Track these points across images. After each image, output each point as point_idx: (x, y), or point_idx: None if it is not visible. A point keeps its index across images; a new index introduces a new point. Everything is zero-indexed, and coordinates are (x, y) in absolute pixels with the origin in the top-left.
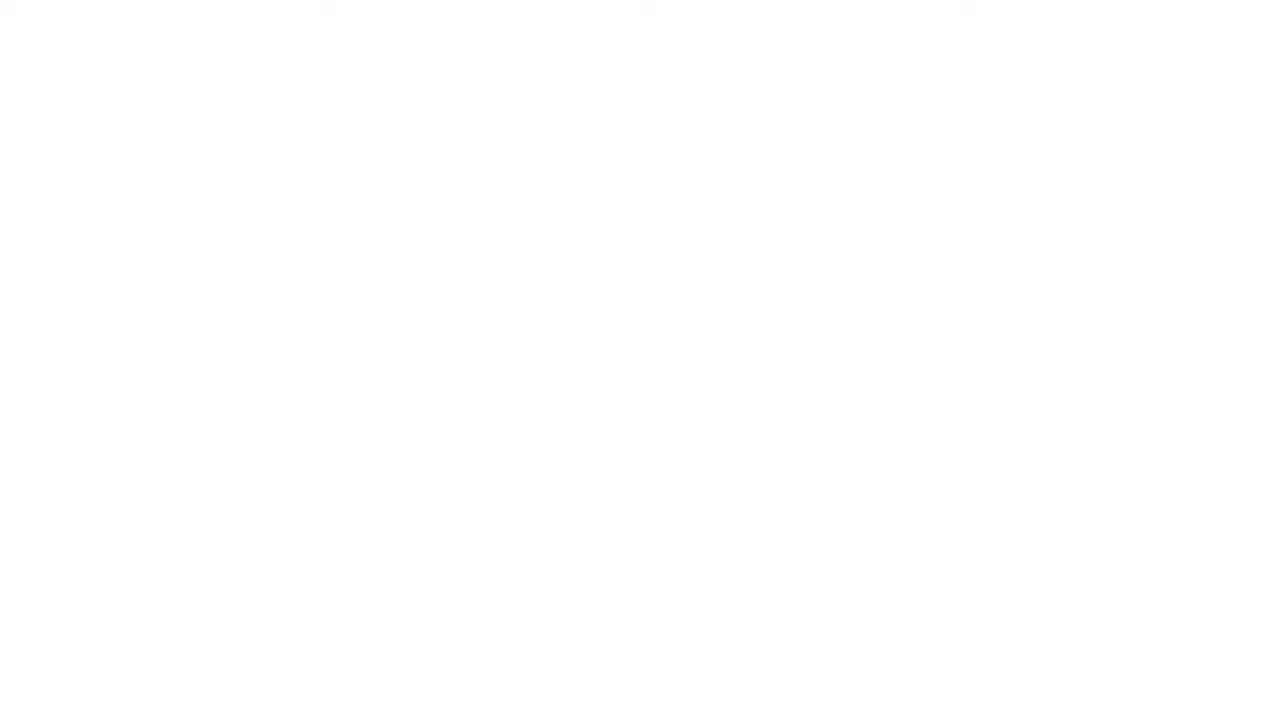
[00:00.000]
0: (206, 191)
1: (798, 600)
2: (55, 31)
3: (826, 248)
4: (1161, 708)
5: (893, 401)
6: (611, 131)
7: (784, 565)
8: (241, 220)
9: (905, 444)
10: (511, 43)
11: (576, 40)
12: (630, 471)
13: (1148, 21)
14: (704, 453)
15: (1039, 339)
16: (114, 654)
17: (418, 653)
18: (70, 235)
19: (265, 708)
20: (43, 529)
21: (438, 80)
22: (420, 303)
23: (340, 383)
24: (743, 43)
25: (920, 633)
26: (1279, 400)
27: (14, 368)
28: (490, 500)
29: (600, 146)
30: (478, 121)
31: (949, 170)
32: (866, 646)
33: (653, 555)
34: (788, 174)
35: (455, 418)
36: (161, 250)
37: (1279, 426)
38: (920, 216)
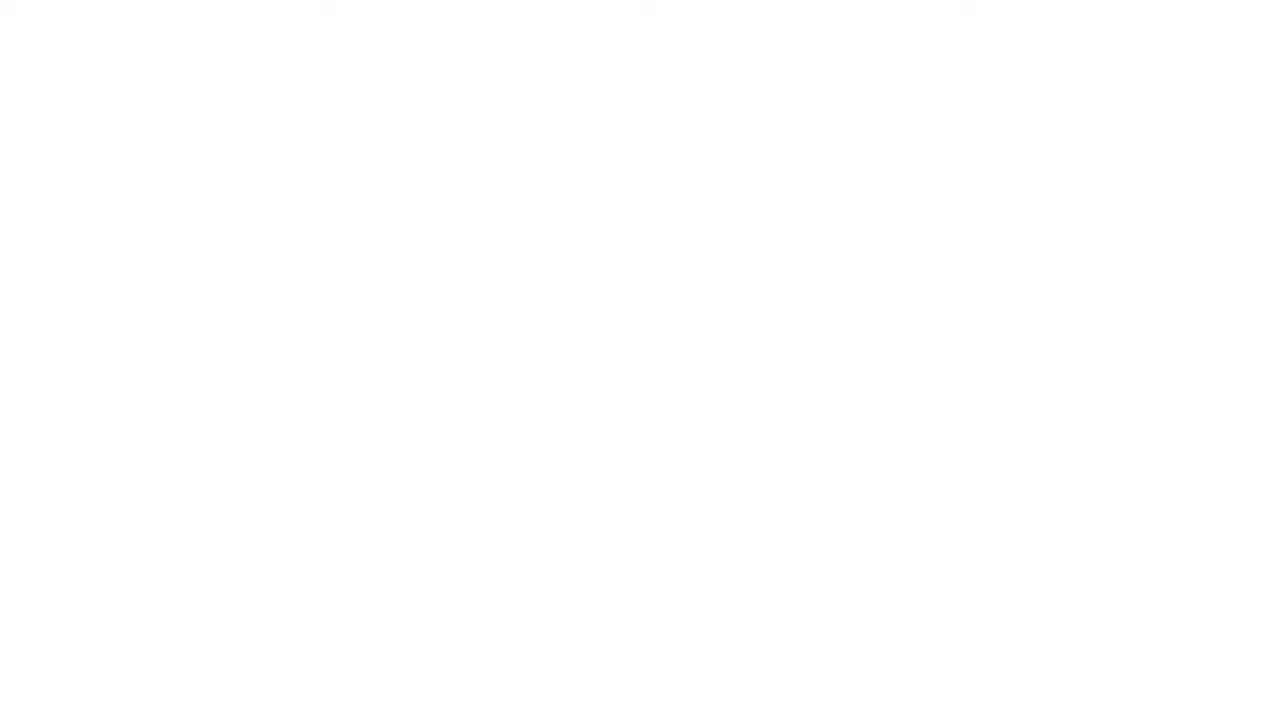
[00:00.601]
0: (206, 191)
1: (797, 600)
2: (55, 31)
3: (826, 247)
4: (1161, 708)
5: (892, 401)
6: (611, 131)
7: (784, 565)
8: (242, 219)
9: (905, 443)
10: (511, 42)
11: (576, 40)
12: (630, 471)
13: (1147, 21)
14: (704, 452)
15: (1038, 338)
16: (114, 654)
17: (418, 653)
18: (71, 234)
19: (265, 708)
20: (43, 529)
21: (438, 80)
22: (420, 302)
23: (340, 381)
24: (742, 42)
25: (920, 633)
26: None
27: (14, 367)
28: (490, 500)
29: (600, 146)
30: (478, 121)
31: (949, 170)
32: (866, 646)
33: (652, 555)
34: (788, 174)
35: (455, 416)
36: (162, 249)
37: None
38: (920, 216)
